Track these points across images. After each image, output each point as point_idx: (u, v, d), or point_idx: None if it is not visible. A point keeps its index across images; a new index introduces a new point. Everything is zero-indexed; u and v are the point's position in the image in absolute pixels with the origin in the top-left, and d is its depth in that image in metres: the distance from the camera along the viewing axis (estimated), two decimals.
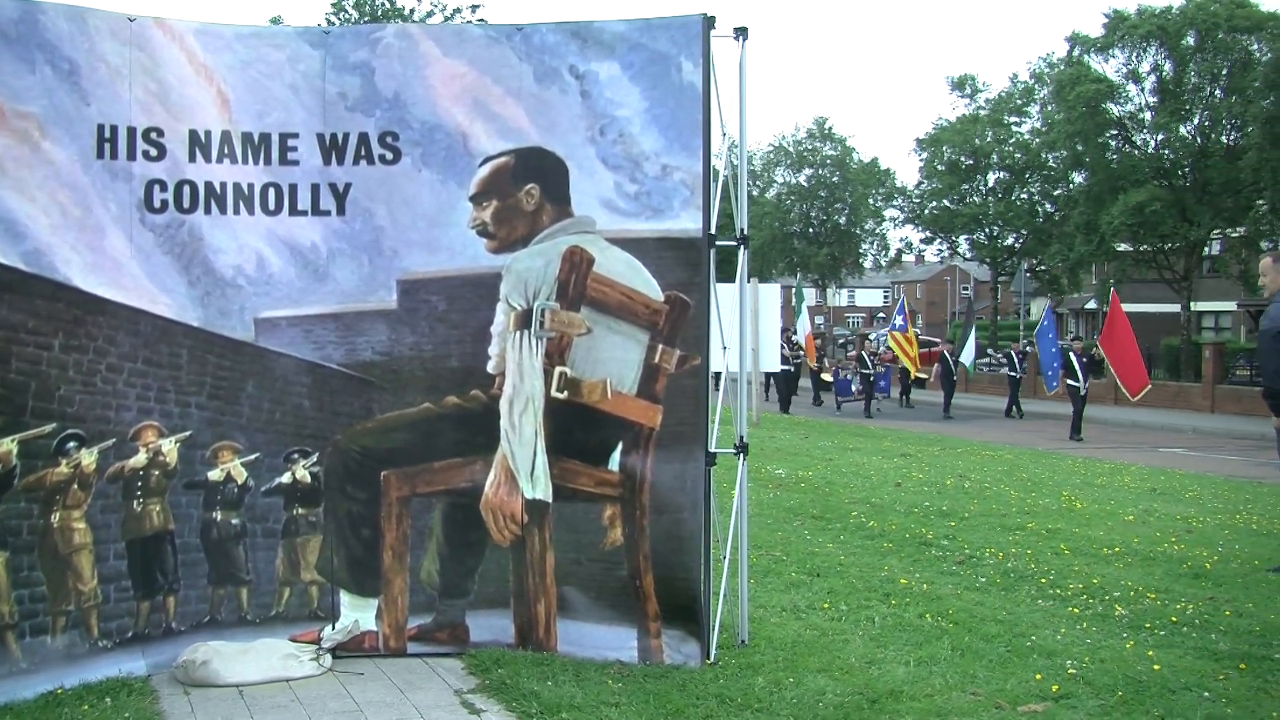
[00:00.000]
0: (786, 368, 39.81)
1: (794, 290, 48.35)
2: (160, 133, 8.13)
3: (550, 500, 8.38)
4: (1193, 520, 15.32)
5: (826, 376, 45.84)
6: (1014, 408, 40.32)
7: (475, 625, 8.56)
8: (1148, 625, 9.55)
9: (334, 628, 8.45)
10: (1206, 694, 7.82)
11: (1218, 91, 53.01)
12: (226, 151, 8.29)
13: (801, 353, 43.32)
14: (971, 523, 14.39)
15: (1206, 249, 56.93)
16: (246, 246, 8.34)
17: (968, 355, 43.88)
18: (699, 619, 8.26)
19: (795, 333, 44.44)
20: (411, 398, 8.49)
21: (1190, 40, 52.67)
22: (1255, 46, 50.99)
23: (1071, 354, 32.11)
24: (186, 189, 8.20)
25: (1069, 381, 31.58)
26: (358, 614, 8.52)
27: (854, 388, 41.48)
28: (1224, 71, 52.48)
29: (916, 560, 12.06)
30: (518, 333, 8.34)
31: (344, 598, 8.54)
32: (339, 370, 8.46)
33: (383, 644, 8.51)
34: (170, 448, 8.19)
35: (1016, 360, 40.27)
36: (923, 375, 44.85)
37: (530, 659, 8.24)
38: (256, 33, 8.53)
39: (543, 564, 8.40)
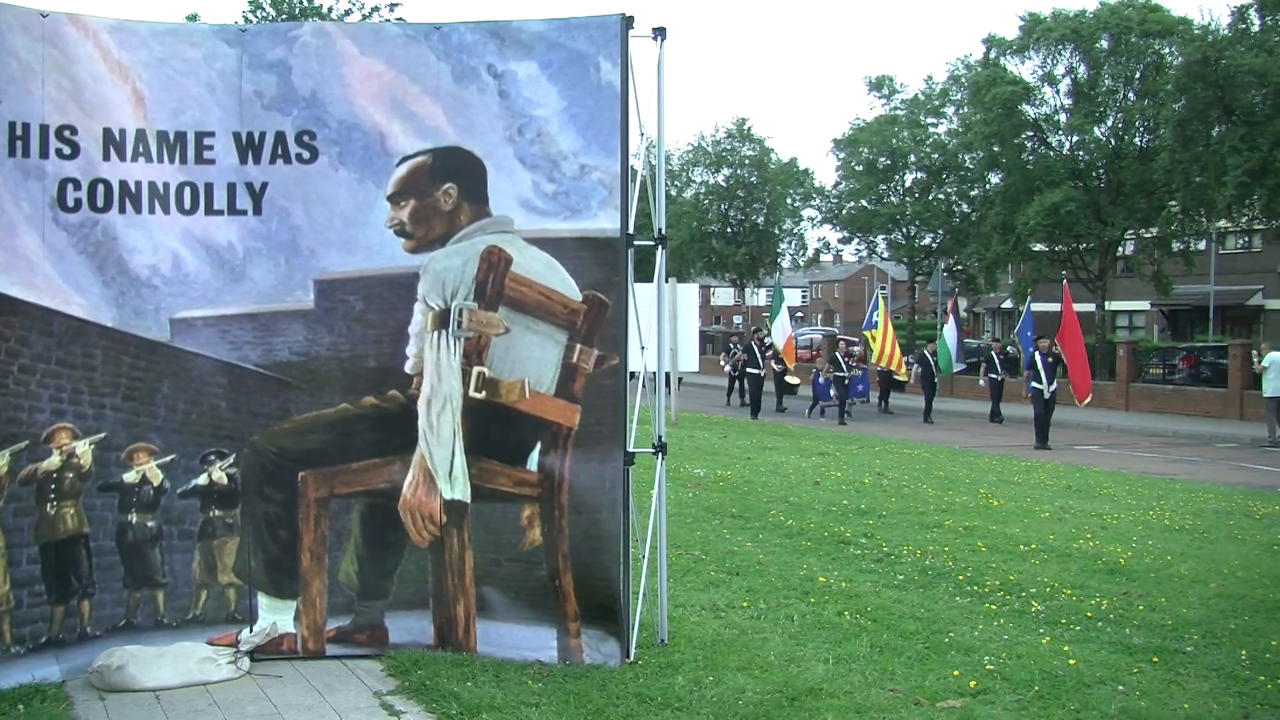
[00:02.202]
0: (757, 371, 38.73)
1: (774, 289, 46.43)
2: (74, 130, 8.04)
3: (469, 500, 8.36)
4: (1107, 517, 15.51)
5: (793, 379, 44.01)
6: (997, 411, 38.33)
7: (394, 626, 8.52)
8: (1063, 621, 9.66)
9: (252, 630, 8.39)
10: (1121, 687, 7.93)
11: (1131, 94, 53.69)
12: (141, 150, 8.21)
13: (769, 356, 40.55)
14: (889, 521, 14.48)
15: (1120, 249, 57.60)
16: (162, 246, 8.26)
17: (956, 359, 42.15)
18: (618, 618, 8.27)
19: (768, 334, 42.39)
20: (329, 398, 8.44)
21: (1104, 44, 53.32)
22: (1167, 50, 51.72)
23: (1037, 354, 30.15)
24: (101, 188, 8.11)
25: (1033, 384, 29.86)
26: (276, 616, 8.46)
27: (832, 391, 38.51)
28: (1137, 75, 53.17)
29: (835, 558, 12.12)
30: (435, 333, 8.31)
31: (262, 600, 8.48)
32: (256, 371, 8.40)
33: (301, 646, 8.46)
34: (84, 450, 8.10)
35: (998, 361, 38.81)
36: (901, 378, 42.26)
37: (450, 660, 8.22)
38: (172, 30, 8.46)
39: (462, 564, 8.38)
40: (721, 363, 51.07)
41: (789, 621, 9.45)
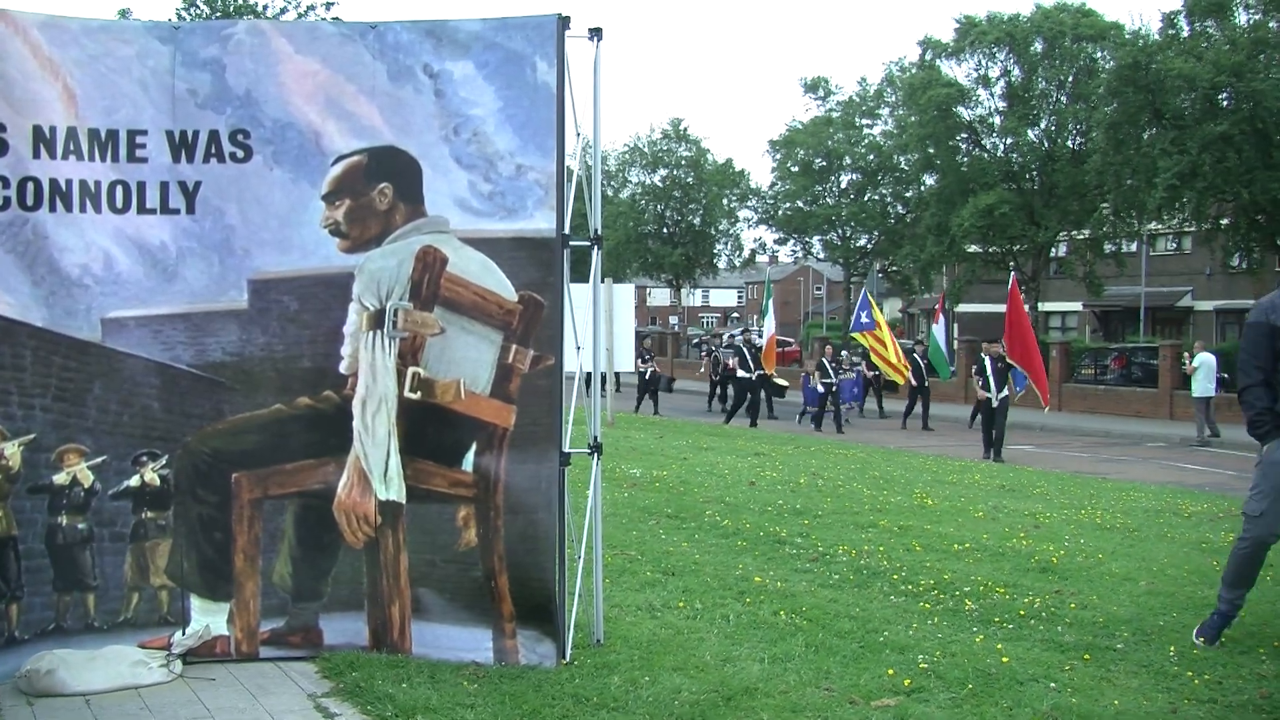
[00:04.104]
0: (748, 375, 36.87)
1: (764, 284, 44.25)
2: (3, 128, 7.94)
3: (404, 501, 8.32)
4: (1040, 516, 15.61)
5: (781, 382, 42.54)
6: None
7: (329, 628, 8.47)
8: (997, 619, 9.72)
9: (185, 633, 8.31)
10: (1053, 684, 7.98)
11: (1064, 97, 54.38)
12: (73, 148, 8.12)
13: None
14: (825, 520, 14.51)
15: (1053, 250, 58.23)
16: (94, 245, 8.17)
17: (944, 361, 39.48)
18: (554, 619, 8.25)
19: (758, 334, 40.21)
20: (263, 399, 8.38)
21: (1038, 47, 54.01)
22: (1099, 54, 52.40)
23: (986, 358, 28.09)
24: (30, 186, 8.02)
25: (981, 391, 27.91)
26: (209, 618, 8.39)
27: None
28: (1070, 78, 53.90)
29: (770, 558, 12.14)
30: (370, 333, 8.27)
31: (195, 602, 8.40)
32: (189, 371, 8.33)
33: (234, 649, 8.39)
34: (13, 451, 8.01)
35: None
36: (894, 380, 39.65)
37: (385, 661, 8.17)
38: (104, 26, 8.37)
39: (397, 566, 8.34)
40: (703, 369, 50.15)
41: (725, 621, 9.45)
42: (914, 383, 37.34)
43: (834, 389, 36.16)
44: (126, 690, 7.76)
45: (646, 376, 41.08)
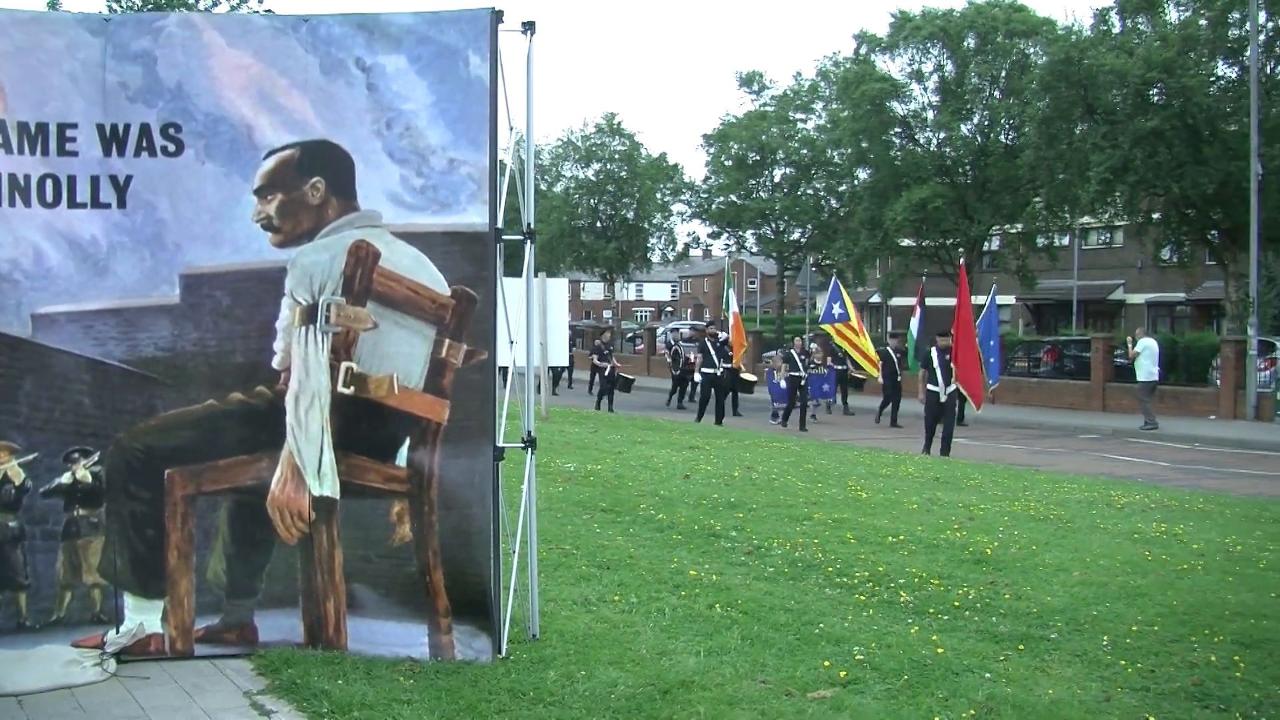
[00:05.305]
0: (712, 370, 35.12)
1: (724, 273, 43.11)
2: None
3: (338, 497, 8.30)
4: (974, 508, 15.68)
5: (749, 377, 40.91)
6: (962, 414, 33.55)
7: (264, 625, 8.44)
8: (931, 610, 9.78)
9: (118, 631, 8.25)
10: (988, 675, 8.06)
11: (996, 92, 54.86)
12: (1, 141, 8.03)
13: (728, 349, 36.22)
14: (759, 514, 14.53)
15: (986, 244, 58.67)
16: (23, 239, 8.09)
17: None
18: (490, 614, 8.25)
19: (720, 326, 38.97)
20: (195, 394, 8.33)
21: (971, 42, 54.44)
22: (1031, 50, 52.90)
23: (934, 351, 26.10)
24: None
25: (929, 386, 26.09)
26: (143, 616, 8.33)
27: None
28: (1003, 73, 54.40)
29: (706, 551, 12.16)
30: (303, 328, 8.24)
31: (128, 600, 8.34)
32: (120, 367, 8.27)
33: (169, 646, 8.34)
34: None
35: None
36: (860, 376, 39.78)
37: (320, 658, 8.15)
38: (34, 18, 8.30)
39: (331, 561, 8.32)
40: (667, 359, 49.33)
41: (660, 615, 9.47)
42: (883, 379, 36.58)
43: (802, 383, 34.39)
44: (60, 690, 7.70)
45: (606, 374, 40.80)
